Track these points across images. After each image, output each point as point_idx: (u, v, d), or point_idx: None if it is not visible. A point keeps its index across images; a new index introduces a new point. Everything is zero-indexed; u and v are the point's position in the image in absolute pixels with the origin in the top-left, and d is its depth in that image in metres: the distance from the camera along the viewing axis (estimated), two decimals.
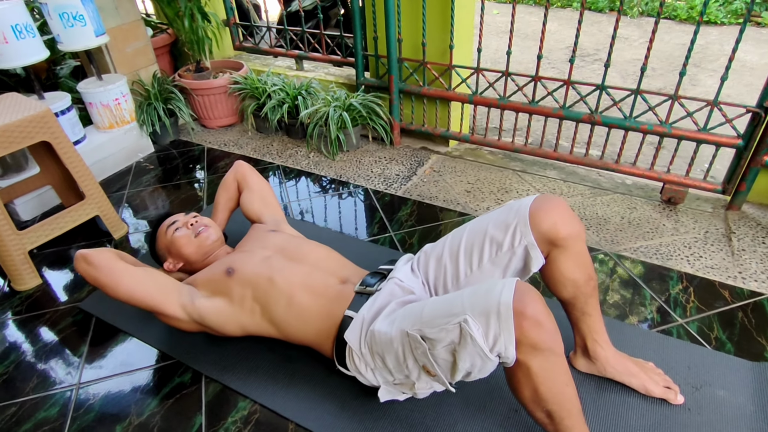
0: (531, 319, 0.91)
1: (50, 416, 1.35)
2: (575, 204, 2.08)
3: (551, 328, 0.93)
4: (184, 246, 1.50)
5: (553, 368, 0.95)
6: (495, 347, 0.93)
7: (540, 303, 0.93)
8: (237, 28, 3.16)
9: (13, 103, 1.72)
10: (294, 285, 1.31)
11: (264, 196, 1.72)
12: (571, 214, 1.17)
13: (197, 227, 1.53)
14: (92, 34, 2.19)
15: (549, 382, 0.95)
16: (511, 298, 0.91)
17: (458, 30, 2.23)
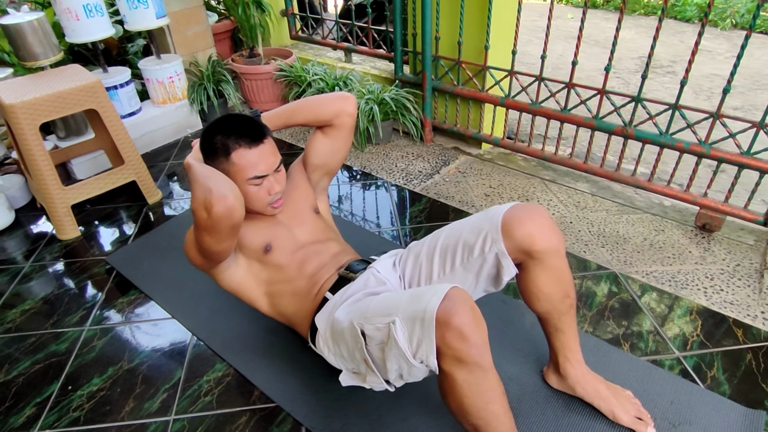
0: (454, 330, 0.88)
1: (59, 350, 1.52)
2: (596, 219, 1.99)
3: (477, 342, 0.89)
4: (251, 201, 1.24)
5: (478, 383, 0.92)
6: (418, 353, 0.92)
7: (467, 315, 0.89)
8: (294, 18, 3.29)
9: (72, 74, 1.94)
10: (302, 277, 1.30)
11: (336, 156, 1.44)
12: (550, 226, 1.12)
13: (274, 198, 1.27)
14: (153, 15, 2.39)
15: (474, 397, 0.92)
16: (437, 307, 0.90)
17: (498, 30, 2.19)
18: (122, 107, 2.47)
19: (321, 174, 1.47)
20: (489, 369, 0.91)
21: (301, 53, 3.28)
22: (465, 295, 0.93)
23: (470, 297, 0.94)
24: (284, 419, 1.29)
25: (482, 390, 0.92)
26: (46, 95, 1.76)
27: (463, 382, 0.91)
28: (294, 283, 1.31)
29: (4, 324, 1.63)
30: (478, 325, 0.90)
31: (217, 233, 1.06)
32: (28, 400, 1.38)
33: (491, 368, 0.92)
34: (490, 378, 0.92)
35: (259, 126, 1.22)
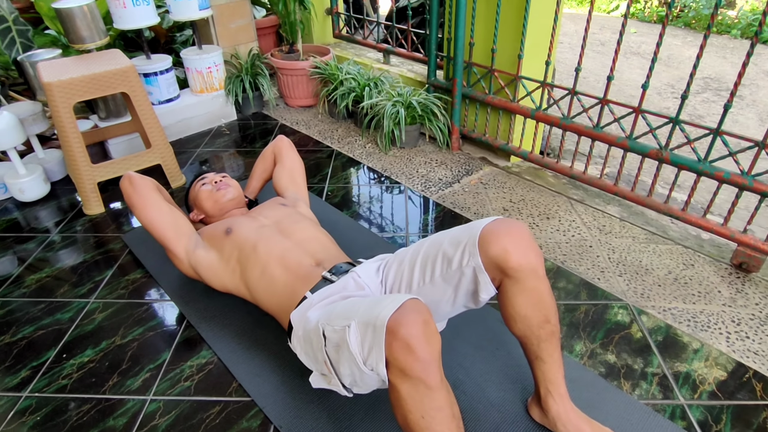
0: (401, 341, 0.84)
1: (63, 319, 1.59)
2: (619, 246, 1.86)
3: (423, 357, 0.84)
4: (205, 200, 1.66)
5: (421, 400, 0.87)
6: (368, 360, 0.89)
7: (417, 327, 0.85)
8: (338, 17, 3.32)
9: (110, 58, 2.03)
10: (271, 256, 1.37)
11: (293, 174, 1.80)
12: (528, 243, 1.05)
13: (219, 185, 1.66)
14: (196, 7, 2.48)
15: (416, 413, 0.88)
16: (389, 315, 0.86)
17: (534, 40, 2.11)
18: (161, 93, 2.57)
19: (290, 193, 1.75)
20: (435, 387, 0.86)
21: (342, 52, 3.30)
22: (421, 307, 0.89)
23: (427, 310, 0.89)
24: (255, 414, 1.28)
25: (425, 407, 0.87)
26: (81, 76, 1.85)
27: (406, 396, 0.87)
28: (269, 267, 1.34)
29: (22, 287, 1.72)
30: (428, 340, 0.85)
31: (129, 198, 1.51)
32: (26, 362, 1.45)
33: (438, 387, 0.87)
34: (435, 397, 0.87)
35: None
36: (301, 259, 1.36)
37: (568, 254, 1.82)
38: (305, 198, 1.77)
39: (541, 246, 1.86)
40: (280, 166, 1.81)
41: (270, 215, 1.56)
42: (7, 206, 2.19)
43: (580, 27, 5.60)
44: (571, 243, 1.88)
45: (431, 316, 0.89)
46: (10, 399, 1.34)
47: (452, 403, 0.91)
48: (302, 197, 1.76)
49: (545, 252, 1.83)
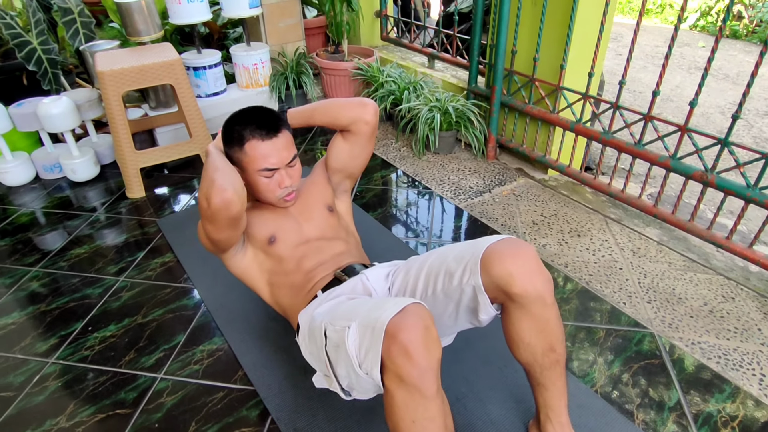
0: (400, 345, 0.82)
1: (93, 294, 1.69)
2: (652, 271, 1.76)
3: (421, 364, 0.82)
4: (261, 192, 1.27)
5: (415, 408, 0.85)
6: (364, 364, 0.88)
7: (417, 333, 0.83)
8: (386, 20, 3.33)
9: (160, 51, 2.14)
10: (301, 272, 1.29)
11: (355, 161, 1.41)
12: (535, 268, 0.99)
13: (286, 191, 1.28)
14: (247, 6, 2.56)
15: (408, 421, 0.85)
16: (390, 318, 0.85)
17: (580, 50, 2.03)
18: (208, 86, 2.68)
19: (341, 177, 1.44)
20: (430, 397, 0.84)
21: (389, 55, 3.32)
22: (423, 312, 0.87)
23: (429, 316, 0.87)
24: (256, 404, 1.31)
25: (418, 416, 0.85)
26: (131, 66, 1.96)
27: (400, 403, 0.85)
28: (291, 276, 1.31)
29: (61, 261, 1.85)
30: (428, 347, 0.83)
31: (215, 223, 1.09)
32: (56, 331, 1.55)
33: (434, 397, 0.84)
34: (429, 407, 0.84)
35: (276, 119, 1.23)
36: (327, 271, 1.29)
37: (594, 275, 1.74)
38: (350, 188, 1.51)
39: (566, 264, 1.79)
40: (350, 147, 1.37)
41: (316, 226, 1.35)
42: (60, 184, 2.35)
43: (646, 39, 5.34)
44: (600, 263, 1.80)
45: (433, 323, 0.87)
46: (38, 363, 1.44)
47: (446, 414, 0.88)
48: (349, 188, 1.50)
49: (571, 270, 1.76)
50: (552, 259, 1.82)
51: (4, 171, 2.26)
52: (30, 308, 1.64)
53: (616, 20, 6.04)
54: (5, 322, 1.59)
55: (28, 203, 2.22)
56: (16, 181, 2.31)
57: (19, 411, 1.31)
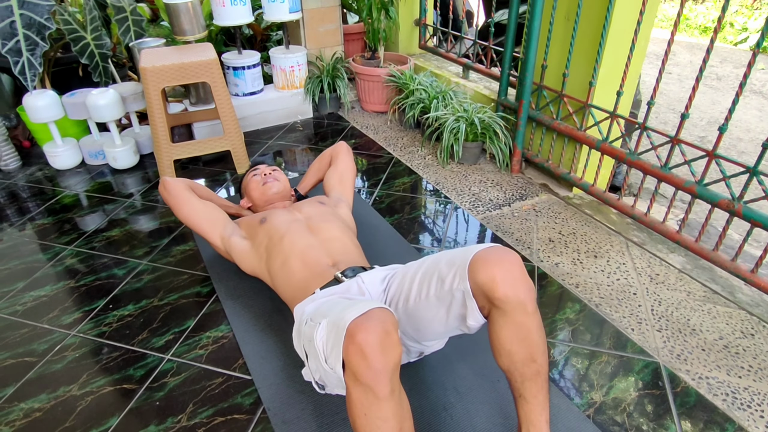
0: (357, 346, 0.85)
1: (118, 275, 1.80)
2: (668, 299, 1.70)
3: (375, 366, 0.85)
4: (253, 190, 1.80)
5: (369, 407, 0.87)
6: (329, 359, 0.92)
7: (375, 335, 0.86)
8: (425, 29, 3.36)
9: (201, 50, 2.26)
10: (294, 250, 1.45)
11: (343, 176, 1.87)
12: (518, 275, 1.01)
13: (267, 178, 1.79)
14: (287, 10, 2.66)
15: (362, 419, 0.88)
16: (352, 318, 0.88)
17: (612, 67, 1.99)
18: (246, 86, 2.80)
19: (335, 194, 1.81)
20: (383, 398, 0.86)
21: (426, 63, 3.35)
22: (386, 317, 0.90)
23: (392, 322, 0.90)
24: (250, 393, 1.36)
25: (372, 415, 0.88)
26: (171, 64, 2.08)
27: (356, 401, 0.89)
28: (290, 260, 1.41)
29: (95, 241, 1.98)
30: (384, 350, 0.86)
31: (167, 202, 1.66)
32: (81, 306, 1.67)
33: (387, 398, 0.87)
34: (383, 407, 0.87)
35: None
36: (320, 257, 1.42)
37: (605, 297, 1.70)
38: (349, 201, 1.82)
39: (577, 284, 1.76)
40: (333, 167, 1.90)
41: (305, 211, 1.63)
42: (103, 170, 2.52)
43: (698, 58, 5.12)
44: (614, 286, 1.75)
45: (395, 328, 0.90)
46: (61, 335, 1.56)
47: (403, 418, 0.90)
48: (346, 199, 1.81)
49: (581, 291, 1.72)
50: (563, 278, 1.79)
51: (54, 155, 2.44)
52: (61, 283, 1.77)
53: (663, 37, 5.82)
54: (38, 294, 1.73)
55: (73, 186, 2.39)
56: (64, 165, 2.49)
57: (38, 376, 1.42)
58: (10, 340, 1.54)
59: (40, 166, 2.55)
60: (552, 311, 1.63)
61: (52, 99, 2.29)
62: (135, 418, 1.30)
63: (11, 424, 1.30)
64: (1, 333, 1.57)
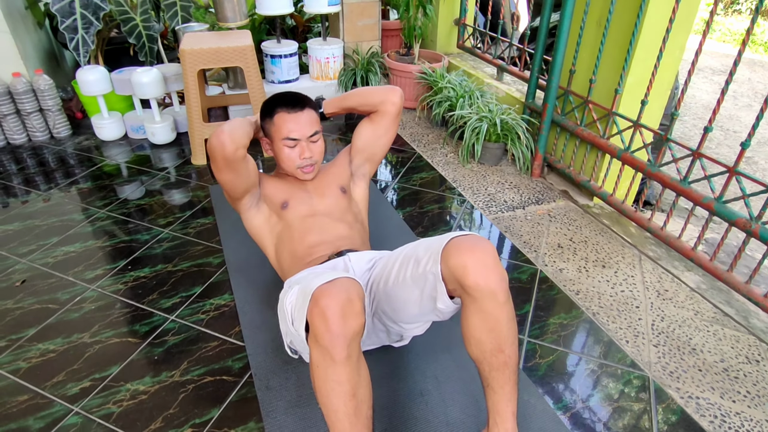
0: (319, 308, 0.90)
1: (141, 239, 1.94)
2: (672, 316, 1.65)
3: (334, 330, 0.89)
4: (283, 160, 1.43)
5: (325, 369, 0.92)
6: (296, 322, 0.98)
7: (337, 300, 0.90)
8: (464, 28, 3.37)
9: (238, 36, 2.37)
10: (304, 243, 1.41)
11: (378, 144, 1.55)
12: (491, 264, 1.01)
13: (305, 162, 1.42)
14: (326, 2, 2.74)
15: (320, 381, 0.93)
16: (319, 284, 0.93)
17: (640, 76, 1.94)
18: (281, 74, 2.91)
19: (362, 159, 1.57)
20: (339, 362, 0.91)
21: (462, 62, 3.35)
22: (350, 286, 0.94)
23: (357, 292, 0.94)
24: (241, 358, 1.44)
25: (327, 377, 0.92)
26: (208, 48, 2.20)
27: (315, 362, 0.94)
28: (295, 245, 1.44)
29: (123, 208, 2.13)
30: (345, 316, 0.90)
31: (214, 161, 1.29)
32: (103, 264, 1.81)
33: (342, 362, 0.91)
34: (338, 370, 0.91)
35: (303, 99, 1.41)
36: (327, 250, 1.40)
37: (605, 308, 1.67)
38: (371, 172, 1.63)
39: (578, 291, 1.73)
40: (372, 126, 1.51)
41: (327, 203, 1.49)
42: (143, 144, 2.69)
43: (759, 76, 4.83)
44: (616, 297, 1.72)
45: (359, 298, 0.94)
46: (82, 288, 1.70)
47: (358, 384, 0.94)
48: (369, 172, 1.62)
49: (581, 298, 1.70)
50: (564, 284, 1.77)
51: (100, 126, 2.63)
52: (90, 242, 1.92)
53: (724, 51, 5.52)
54: (68, 249, 1.88)
55: (114, 156, 2.57)
56: (108, 136, 2.67)
57: (57, 321, 1.56)
58: (39, 288, 1.70)
59: (88, 136, 2.76)
60: (546, 314, 1.63)
61: (102, 74, 2.48)
62: (134, 368, 1.41)
63: (28, 360, 1.43)
64: (33, 280, 1.73)
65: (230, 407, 1.31)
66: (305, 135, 1.39)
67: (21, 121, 2.61)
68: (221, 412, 1.30)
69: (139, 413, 1.29)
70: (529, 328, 1.57)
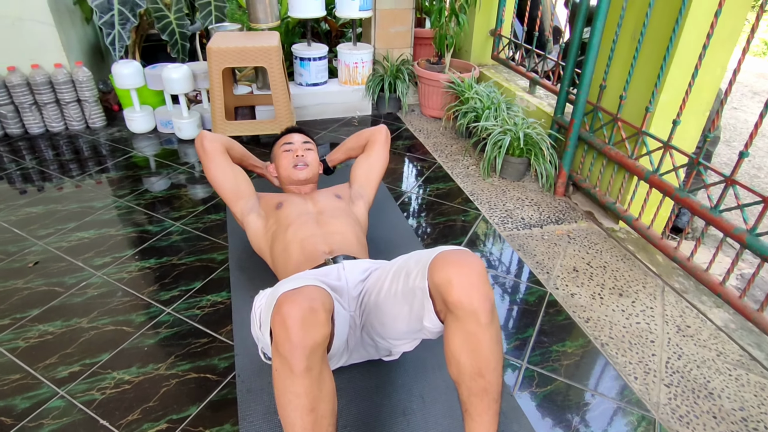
0: (280, 316, 0.86)
1: (151, 231, 1.97)
2: (690, 355, 1.52)
3: (293, 340, 0.85)
4: (281, 166, 1.72)
5: (283, 380, 0.88)
6: (263, 326, 0.95)
7: (298, 310, 0.86)
8: (499, 40, 3.29)
9: (265, 37, 2.40)
10: (295, 239, 1.46)
11: (371, 170, 1.77)
12: (476, 281, 0.95)
13: (299, 161, 1.67)
14: (356, 8, 2.74)
15: (279, 390, 0.89)
16: (284, 291, 0.89)
17: (673, 93, 1.82)
18: (310, 76, 2.92)
19: (359, 184, 1.74)
20: (297, 373, 0.87)
21: (496, 74, 3.27)
22: (315, 295, 0.90)
23: (322, 301, 0.90)
24: (228, 358, 1.43)
25: (286, 388, 0.89)
26: (234, 47, 2.24)
27: (275, 370, 0.91)
28: (287, 239, 1.46)
29: (141, 199, 2.18)
30: (305, 326, 0.86)
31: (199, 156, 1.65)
32: (112, 252, 1.84)
33: (301, 374, 0.87)
34: (296, 382, 0.87)
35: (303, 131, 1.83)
36: (317, 245, 1.42)
37: (615, 339, 1.56)
38: (369, 197, 1.75)
39: (588, 319, 1.63)
40: (365, 155, 1.78)
41: (319, 203, 1.60)
42: (170, 138, 2.76)
43: None
44: (630, 329, 1.60)
45: (324, 308, 0.89)
46: (89, 273, 1.74)
47: (319, 398, 0.90)
48: (366, 195, 1.75)
49: (590, 327, 1.60)
50: (575, 310, 1.66)
51: (131, 119, 2.72)
52: (104, 229, 1.97)
53: None
54: (83, 235, 1.94)
55: (142, 148, 2.65)
56: (139, 129, 2.76)
57: (60, 305, 1.60)
58: (49, 270, 1.75)
59: (120, 128, 2.85)
60: (550, 341, 1.53)
61: (136, 69, 2.56)
62: (123, 357, 1.42)
63: (27, 340, 1.47)
64: (45, 263, 1.79)
65: (209, 406, 1.29)
66: (299, 141, 1.74)
67: (60, 110, 2.74)
68: (199, 410, 1.28)
69: (120, 402, 1.29)
70: (529, 353, 1.48)
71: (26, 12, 2.52)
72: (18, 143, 2.67)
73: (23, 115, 2.68)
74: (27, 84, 2.60)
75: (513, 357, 1.47)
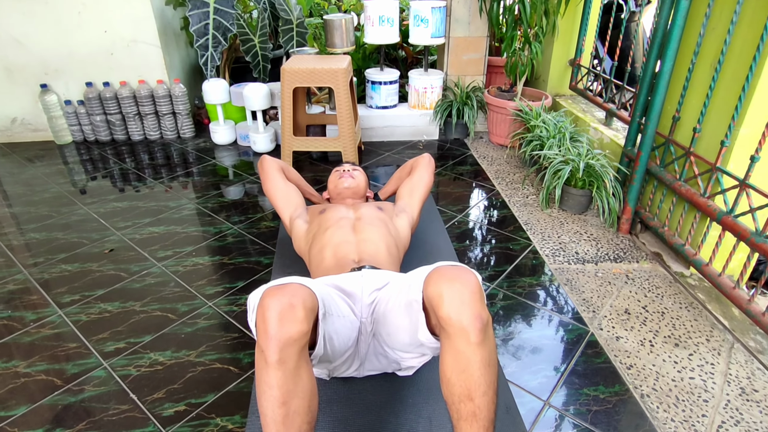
0: (261, 309, 0.90)
1: (210, 231, 2.14)
2: (755, 422, 1.31)
3: (270, 333, 0.87)
4: (330, 181, 1.91)
5: (260, 370, 0.91)
6: (252, 318, 1.00)
7: (277, 303, 0.89)
8: (578, 69, 3.17)
9: (336, 60, 2.54)
10: (331, 242, 1.53)
11: (414, 188, 1.84)
12: (469, 299, 0.92)
13: (344, 174, 1.86)
14: (428, 35, 2.81)
15: (258, 379, 0.91)
16: (269, 286, 0.93)
17: (754, 127, 1.64)
18: (380, 99, 3.03)
19: (402, 203, 1.81)
20: (270, 365, 0.89)
21: (574, 104, 3.15)
22: (297, 292, 0.93)
23: (304, 298, 0.93)
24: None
25: (260, 379, 0.91)
26: (305, 68, 2.40)
27: (255, 360, 0.94)
28: (323, 240, 1.53)
29: (209, 203, 2.38)
30: (282, 320, 0.89)
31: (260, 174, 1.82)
32: (173, 247, 2.03)
33: (274, 366, 0.89)
34: (269, 374, 0.90)
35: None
36: (349, 252, 1.47)
37: (660, 392, 1.39)
38: (413, 213, 1.80)
39: (630, 365, 1.48)
40: (409, 178, 1.88)
41: (360, 211, 1.68)
42: (247, 151, 2.99)
43: None
44: (680, 384, 1.42)
45: (303, 306, 0.91)
46: (151, 264, 1.92)
47: (292, 393, 0.91)
48: (410, 211, 1.79)
49: (632, 374, 1.45)
50: (617, 354, 1.52)
51: (215, 131, 3.00)
52: (172, 226, 2.18)
53: None
54: (154, 230, 2.15)
55: (221, 158, 2.90)
56: (221, 141, 3.03)
57: (122, 288, 1.78)
58: (120, 257, 1.96)
59: (205, 139, 3.15)
60: (581, 383, 1.41)
61: (222, 86, 2.83)
62: (162, 341, 1.55)
63: (89, 315, 1.66)
64: (119, 251, 2.01)
65: (225, 396, 1.36)
66: (347, 166, 1.94)
67: (158, 121, 3.10)
68: (216, 398, 1.35)
69: (150, 380, 1.40)
70: (554, 391, 1.38)
71: (140, 35, 2.91)
72: (121, 147, 3.06)
73: (128, 124, 3.07)
74: (133, 97, 2.99)
75: (534, 392, 1.37)
